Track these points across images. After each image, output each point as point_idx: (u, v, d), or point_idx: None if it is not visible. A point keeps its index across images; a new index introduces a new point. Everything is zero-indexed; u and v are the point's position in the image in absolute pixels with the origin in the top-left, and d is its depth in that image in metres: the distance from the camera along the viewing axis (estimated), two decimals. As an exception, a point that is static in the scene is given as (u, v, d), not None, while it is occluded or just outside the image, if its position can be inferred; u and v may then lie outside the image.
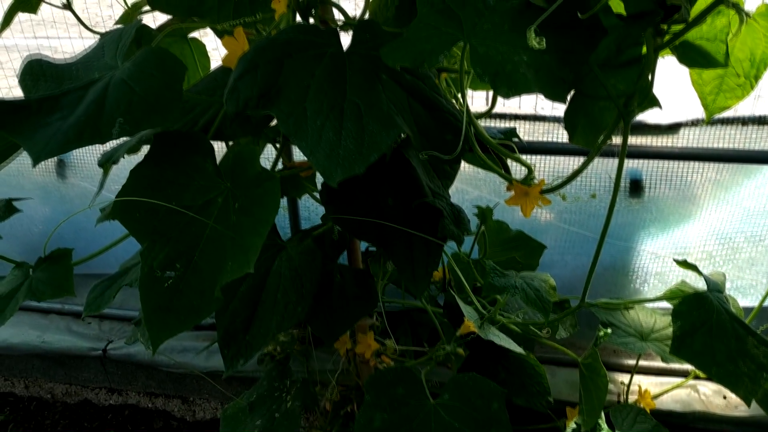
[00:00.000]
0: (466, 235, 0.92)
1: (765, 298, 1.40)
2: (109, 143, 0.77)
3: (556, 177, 0.91)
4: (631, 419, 1.34)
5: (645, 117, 1.44)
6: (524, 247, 1.45)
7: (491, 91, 1.15)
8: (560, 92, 0.71)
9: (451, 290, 1.34)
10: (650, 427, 1.32)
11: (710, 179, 1.50)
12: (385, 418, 1.02)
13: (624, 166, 0.92)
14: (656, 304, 1.51)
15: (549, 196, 0.89)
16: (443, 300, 1.36)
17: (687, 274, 1.43)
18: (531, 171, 0.88)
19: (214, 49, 1.18)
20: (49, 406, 2.15)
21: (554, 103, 0.72)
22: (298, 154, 1.25)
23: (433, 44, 0.71)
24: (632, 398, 1.52)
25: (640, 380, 1.65)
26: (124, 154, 0.94)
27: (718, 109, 1.01)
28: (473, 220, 1.22)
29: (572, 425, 1.31)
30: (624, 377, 1.66)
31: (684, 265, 1.19)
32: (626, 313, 1.41)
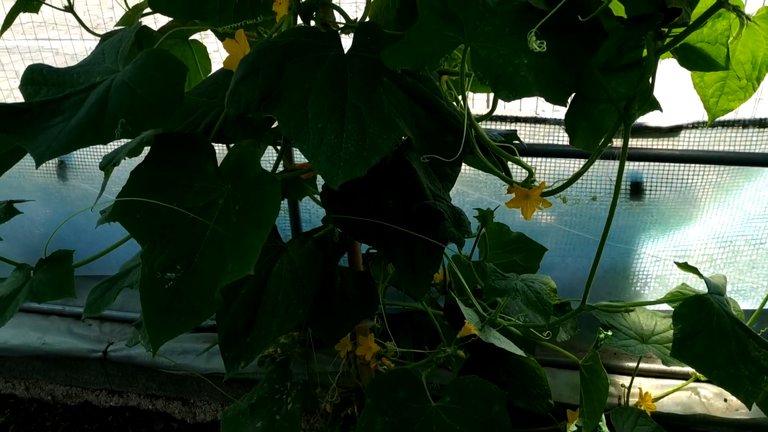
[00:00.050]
0: (467, 237, 0.91)
1: (766, 300, 1.39)
2: (110, 145, 0.77)
3: (556, 179, 0.91)
4: (632, 422, 1.34)
5: (645, 119, 1.44)
6: (525, 249, 1.45)
7: (492, 94, 1.16)
8: (561, 95, 0.71)
9: (452, 292, 1.34)
10: (651, 429, 1.32)
11: (711, 182, 1.50)
12: (387, 422, 1.02)
13: (624, 168, 0.92)
14: (657, 306, 1.51)
15: (549, 198, 0.89)
16: (444, 302, 1.36)
17: (688, 277, 1.43)
18: (531, 173, 0.88)
19: (215, 51, 1.18)
20: (49, 407, 2.15)
21: (555, 105, 0.72)
22: (299, 156, 1.25)
23: (434, 47, 0.72)
24: (633, 401, 1.52)
25: (640, 383, 1.65)
26: (125, 156, 0.94)
27: (721, 111, 1.02)
28: (474, 222, 1.23)
29: (573, 428, 1.31)
30: (625, 380, 1.66)
31: (685, 267, 1.19)
32: (627, 316, 1.41)
